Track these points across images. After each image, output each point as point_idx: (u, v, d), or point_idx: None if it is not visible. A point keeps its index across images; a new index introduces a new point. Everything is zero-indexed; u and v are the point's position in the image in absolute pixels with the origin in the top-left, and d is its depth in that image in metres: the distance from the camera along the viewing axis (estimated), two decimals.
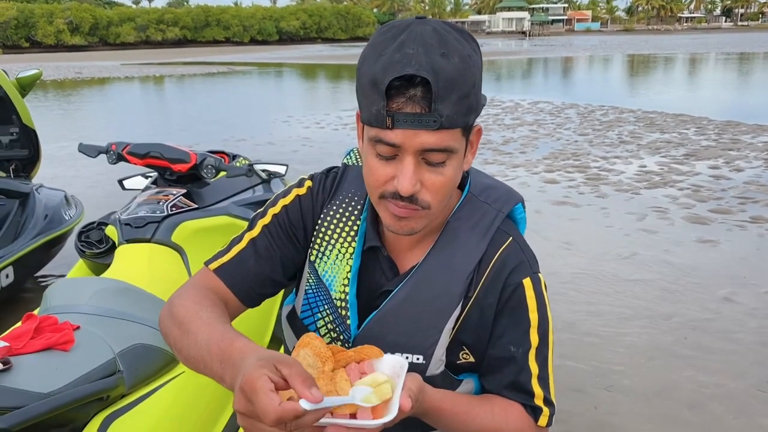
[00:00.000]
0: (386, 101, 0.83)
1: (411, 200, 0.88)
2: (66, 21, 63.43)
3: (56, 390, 1.41)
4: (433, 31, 0.84)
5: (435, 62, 0.81)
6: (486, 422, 0.94)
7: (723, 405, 2.73)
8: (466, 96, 0.84)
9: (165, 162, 2.38)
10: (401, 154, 0.86)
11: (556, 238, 4.92)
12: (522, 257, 1.00)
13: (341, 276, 1.02)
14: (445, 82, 0.81)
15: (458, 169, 0.91)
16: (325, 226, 1.05)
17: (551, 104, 13.23)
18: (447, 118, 0.83)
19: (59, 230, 3.69)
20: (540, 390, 0.98)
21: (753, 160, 7.42)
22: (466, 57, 0.84)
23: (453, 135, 0.86)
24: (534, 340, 0.98)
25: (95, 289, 1.83)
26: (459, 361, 0.99)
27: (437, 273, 0.97)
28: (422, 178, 0.88)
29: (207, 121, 12.33)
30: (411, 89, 0.82)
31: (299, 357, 0.83)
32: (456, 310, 0.97)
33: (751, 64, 25.92)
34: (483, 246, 0.98)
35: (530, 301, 0.98)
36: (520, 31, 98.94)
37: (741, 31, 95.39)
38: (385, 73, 0.82)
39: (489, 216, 1.01)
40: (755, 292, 3.86)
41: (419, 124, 0.83)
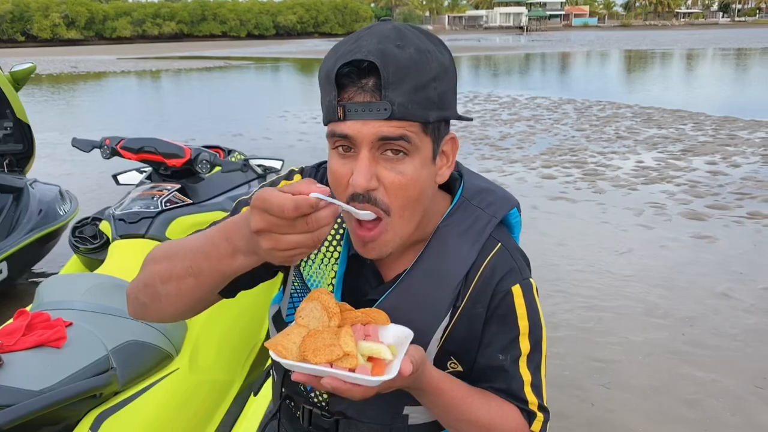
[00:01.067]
0: (337, 91, 0.82)
1: (369, 200, 0.85)
2: (62, 15, 63.13)
3: (48, 387, 1.39)
4: (393, 27, 0.84)
5: (386, 49, 0.79)
6: (481, 414, 0.92)
7: (720, 401, 2.72)
8: (423, 87, 0.81)
9: (159, 157, 2.36)
10: (357, 149, 0.84)
11: (552, 233, 4.90)
12: (512, 264, 0.96)
13: (325, 282, 0.99)
14: (395, 69, 0.79)
15: (423, 173, 0.87)
16: None
17: (548, 99, 13.21)
18: (399, 106, 0.80)
19: (53, 225, 3.67)
20: (534, 397, 0.96)
21: (750, 156, 7.42)
22: (425, 51, 0.82)
23: (409, 126, 0.83)
24: (525, 348, 0.95)
25: (88, 285, 1.82)
26: (447, 370, 0.96)
27: (424, 282, 0.94)
28: (380, 175, 0.84)
29: (203, 115, 12.29)
30: (362, 79, 0.81)
31: (306, 309, 0.83)
32: (444, 320, 0.93)
33: (748, 60, 25.94)
34: (473, 254, 0.95)
35: (519, 309, 0.95)
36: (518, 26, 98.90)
37: (738, 26, 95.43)
38: (336, 63, 0.81)
39: (481, 222, 0.97)
40: (752, 288, 3.86)
41: (369, 113, 0.81)
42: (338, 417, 1.00)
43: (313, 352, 0.78)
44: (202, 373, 1.92)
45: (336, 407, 1.00)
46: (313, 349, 0.78)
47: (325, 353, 0.78)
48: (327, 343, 0.78)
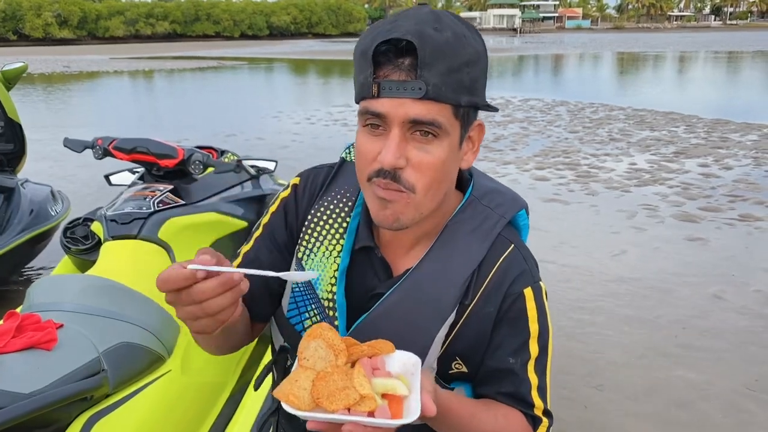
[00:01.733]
0: (373, 68, 0.83)
1: (394, 177, 0.85)
2: (54, 14, 62.79)
3: (38, 390, 1.38)
4: (431, 11, 0.85)
5: (424, 31, 0.81)
6: (489, 427, 0.91)
7: (712, 404, 2.73)
8: (457, 70, 0.83)
9: (152, 157, 2.34)
10: (388, 127, 0.85)
11: (545, 235, 4.91)
12: (524, 266, 0.96)
13: (328, 275, 0.99)
14: (432, 50, 0.80)
15: (450, 156, 0.88)
16: (315, 222, 1.02)
17: (542, 101, 13.25)
18: (433, 87, 0.81)
19: (45, 226, 3.64)
20: (540, 401, 0.96)
21: (742, 158, 7.46)
22: (461, 36, 0.83)
23: (441, 110, 0.84)
24: (534, 351, 0.95)
25: (80, 286, 1.80)
26: (451, 371, 0.96)
27: (433, 277, 0.93)
28: (408, 155, 0.85)
29: (196, 115, 12.24)
30: (399, 58, 0.82)
31: (310, 348, 0.79)
32: (451, 316, 0.93)
33: (740, 63, 26.10)
34: (483, 251, 0.95)
35: (531, 312, 0.95)
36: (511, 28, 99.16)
37: (730, 29, 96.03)
38: (373, 41, 0.82)
39: (491, 221, 0.97)
40: (744, 291, 3.88)
41: (404, 92, 0.82)
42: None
43: (328, 398, 0.74)
44: (195, 375, 1.90)
45: None
46: (327, 394, 0.74)
47: (341, 398, 0.74)
48: (340, 386, 0.75)
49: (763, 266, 4.25)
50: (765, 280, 4.02)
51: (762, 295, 3.80)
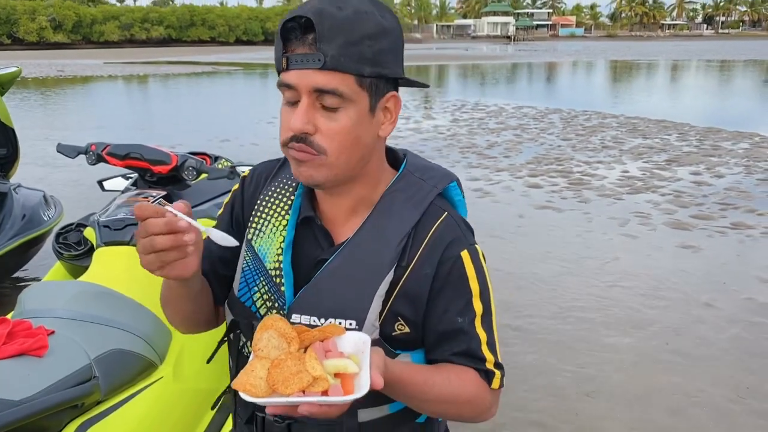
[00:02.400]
0: (283, 44, 0.93)
1: (305, 141, 0.94)
2: (49, 18, 62.65)
3: (29, 397, 1.37)
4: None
5: (324, 9, 0.90)
6: (444, 389, 0.97)
7: (704, 411, 2.74)
8: (355, 43, 0.91)
9: (145, 163, 2.34)
10: (300, 98, 0.93)
11: (538, 242, 4.93)
12: (458, 231, 1.04)
13: (275, 247, 1.06)
14: (329, 24, 0.89)
15: (359, 123, 0.95)
16: (262, 207, 1.10)
17: (535, 109, 13.31)
18: (332, 58, 0.90)
19: (37, 231, 3.63)
20: (490, 355, 1.02)
21: (734, 167, 7.51)
22: (362, 12, 0.92)
23: (343, 79, 0.91)
24: (478, 309, 1.02)
25: (72, 292, 1.79)
26: (395, 333, 1.01)
27: (370, 241, 1.01)
28: (316, 122, 0.94)
29: (190, 121, 12.24)
30: (304, 34, 0.91)
31: (263, 339, 0.83)
32: (388, 275, 0.99)
33: (732, 72, 26.30)
34: (416, 216, 1.02)
35: (470, 272, 1.02)
36: (505, 35, 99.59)
37: (722, 38, 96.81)
38: (283, 20, 0.93)
39: (423, 191, 1.05)
40: (735, 298, 3.90)
41: (307, 63, 0.91)
42: (290, 421, 1.03)
43: (283, 383, 0.79)
44: (186, 382, 1.90)
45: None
46: (282, 380, 0.79)
47: (296, 382, 0.78)
48: (294, 371, 0.79)
49: (755, 274, 4.28)
50: (756, 288, 4.05)
51: (753, 303, 3.83)
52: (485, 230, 5.15)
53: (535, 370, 3.07)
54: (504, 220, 5.49)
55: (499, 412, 2.84)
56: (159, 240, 0.85)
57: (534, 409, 2.75)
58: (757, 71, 26.40)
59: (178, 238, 0.86)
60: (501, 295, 3.97)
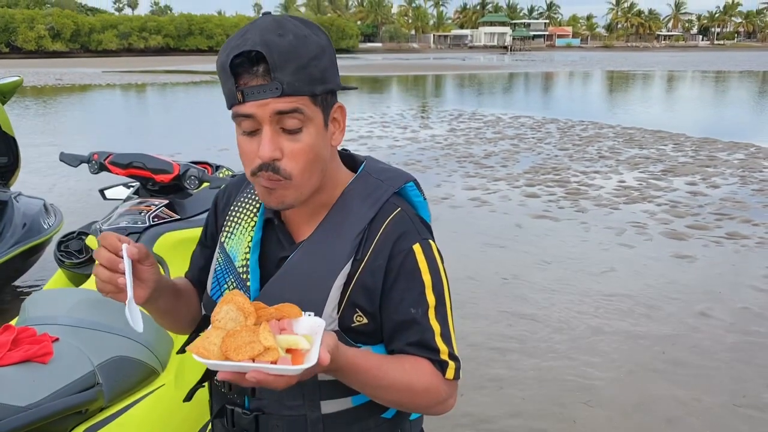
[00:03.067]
0: (234, 79, 0.96)
1: (274, 169, 0.98)
2: (47, 27, 62.78)
3: (34, 403, 1.39)
4: (273, 20, 0.97)
5: (269, 39, 0.93)
6: (398, 377, 1.00)
7: (700, 419, 2.76)
8: (305, 67, 0.95)
9: (147, 172, 2.36)
10: (260, 127, 0.97)
11: (535, 251, 4.95)
12: (410, 225, 1.08)
13: (243, 247, 1.12)
14: (279, 54, 0.93)
15: (318, 139, 1.00)
16: (235, 212, 1.17)
17: (532, 119, 13.38)
18: (288, 85, 0.94)
19: (38, 239, 3.64)
20: (444, 346, 1.05)
21: (729, 177, 7.56)
22: (302, 36, 0.96)
23: (300, 102, 0.96)
24: (431, 300, 1.05)
25: (75, 300, 1.81)
26: (353, 324, 1.05)
27: (327, 237, 1.07)
28: (282, 146, 0.98)
29: (188, 130, 12.27)
30: (253, 66, 0.94)
31: (221, 312, 0.88)
32: (344, 268, 1.04)
33: (727, 83, 26.47)
34: (371, 213, 1.07)
35: (422, 265, 1.05)
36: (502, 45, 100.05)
37: (717, 49, 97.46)
38: (228, 56, 0.95)
39: (380, 190, 1.10)
40: (731, 308, 3.93)
41: (264, 94, 0.95)
42: (257, 413, 1.07)
43: (235, 350, 0.83)
44: (187, 390, 1.91)
45: (255, 404, 1.08)
46: (235, 347, 0.83)
47: (247, 350, 0.82)
48: (247, 340, 0.84)
49: (750, 283, 4.31)
50: (751, 298, 4.08)
51: (749, 313, 3.85)
52: (483, 239, 5.18)
53: (533, 378, 3.09)
54: (501, 229, 5.52)
55: (497, 418, 2.85)
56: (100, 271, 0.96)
57: (531, 417, 2.77)
58: (752, 82, 26.58)
59: (113, 277, 0.95)
60: (498, 303, 3.99)
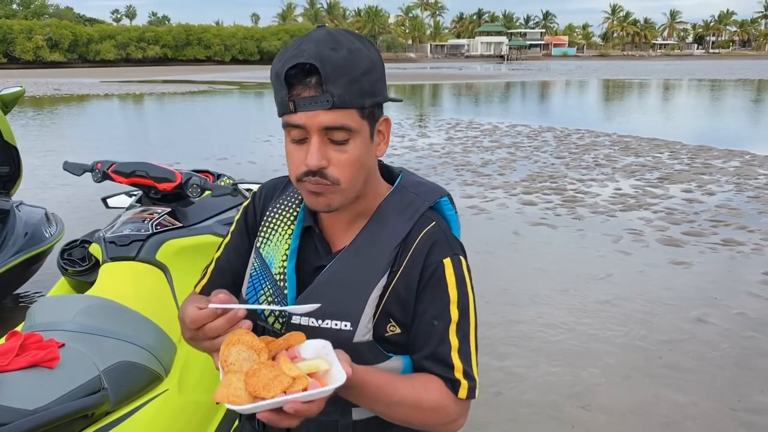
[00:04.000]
0: (288, 89, 0.99)
1: (321, 175, 1.01)
2: (45, 37, 62.94)
3: (41, 407, 1.41)
4: (327, 33, 1.00)
5: (323, 53, 0.97)
6: (406, 394, 1.01)
7: (697, 423, 2.79)
8: (356, 80, 0.98)
9: (150, 181, 2.40)
10: (309, 136, 1.01)
11: (532, 258, 4.99)
12: (443, 239, 1.10)
13: (280, 254, 1.14)
14: (332, 68, 0.96)
15: (364, 150, 1.04)
16: (271, 218, 1.19)
17: (528, 127, 13.44)
18: (339, 98, 0.97)
19: (39, 248, 3.67)
20: (460, 363, 1.05)
21: (724, 184, 7.62)
22: (355, 50, 0.99)
23: (349, 115, 0.99)
24: (454, 315, 1.06)
25: (80, 306, 1.84)
26: (387, 333, 1.07)
27: (365, 248, 1.09)
28: (329, 156, 1.01)
29: (187, 139, 12.31)
30: (306, 78, 0.98)
31: (233, 354, 0.88)
32: (381, 280, 1.06)
33: (722, 91, 26.62)
34: (408, 226, 1.09)
35: (449, 279, 1.07)
36: (499, 55, 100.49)
37: (712, 58, 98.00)
38: (283, 66, 0.98)
39: (416, 204, 1.12)
40: (727, 313, 3.96)
41: (315, 105, 0.97)
42: None
43: (264, 388, 0.84)
44: (191, 394, 1.94)
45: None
46: (263, 385, 0.84)
47: (276, 385, 0.84)
48: (271, 376, 0.85)
49: (746, 289, 4.35)
50: (747, 304, 4.11)
51: (744, 318, 3.89)
52: (480, 246, 5.21)
53: (530, 383, 3.12)
54: (499, 236, 5.55)
55: (495, 424, 2.87)
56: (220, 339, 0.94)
57: (529, 422, 2.79)
58: (747, 90, 26.74)
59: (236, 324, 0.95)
60: (496, 310, 4.02)
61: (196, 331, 0.96)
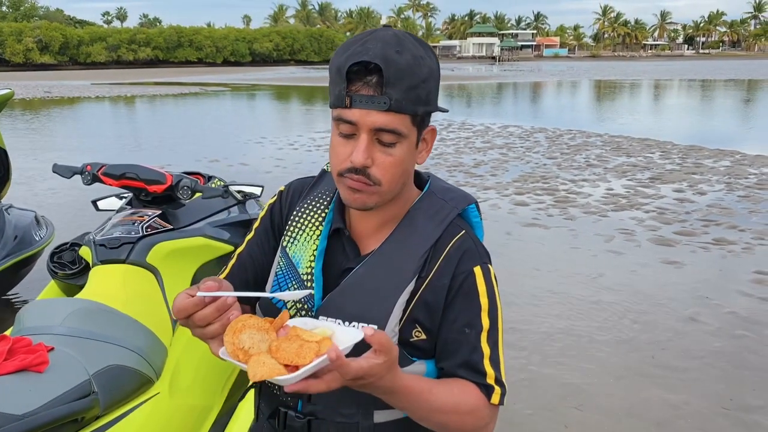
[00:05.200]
0: (346, 84, 0.99)
1: (364, 174, 1.02)
2: (35, 39, 62.60)
3: (30, 412, 1.40)
4: (394, 35, 1.01)
5: (388, 55, 0.96)
6: (446, 399, 1.02)
7: (689, 423, 2.80)
8: (415, 87, 0.99)
9: (141, 183, 2.38)
10: (358, 133, 1.01)
11: (525, 259, 5.00)
12: (474, 248, 1.11)
13: (308, 254, 1.14)
14: (395, 71, 0.96)
15: (408, 155, 1.05)
16: (298, 218, 1.19)
17: (521, 128, 13.48)
18: (396, 101, 0.97)
19: (29, 251, 3.64)
20: (492, 370, 1.06)
21: (715, 184, 7.66)
22: (419, 57, 1.00)
23: (402, 120, 1.00)
24: (485, 323, 1.07)
25: (70, 310, 1.82)
26: (412, 339, 1.07)
27: (394, 253, 1.09)
28: (374, 156, 1.01)
29: (178, 141, 12.26)
30: (368, 76, 0.97)
31: (244, 340, 0.88)
32: (409, 285, 1.06)
33: (713, 91, 26.79)
34: (438, 232, 1.10)
35: (480, 287, 1.08)
36: (490, 56, 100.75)
37: (703, 58, 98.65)
38: (347, 61, 0.98)
39: (445, 210, 1.13)
40: (718, 312, 3.98)
41: (372, 105, 0.98)
42: (310, 418, 1.10)
43: (297, 356, 0.85)
44: (182, 398, 1.93)
45: (308, 408, 1.10)
46: (294, 354, 0.85)
47: (306, 351, 0.85)
48: (296, 346, 0.86)
49: (737, 288, 4.37)
50: (738, 303, 4.13)
51: (735, 317, 3.91)
52: None
53: (523, 384, 3.12)
54: (491, 237, 5.52)
55: None
56: (213, 327, 0.92)
57: (523, 422, 2.79)
58: (738, 90, 26.91)
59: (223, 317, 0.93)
60: None
61: (186, 320, 0.94)
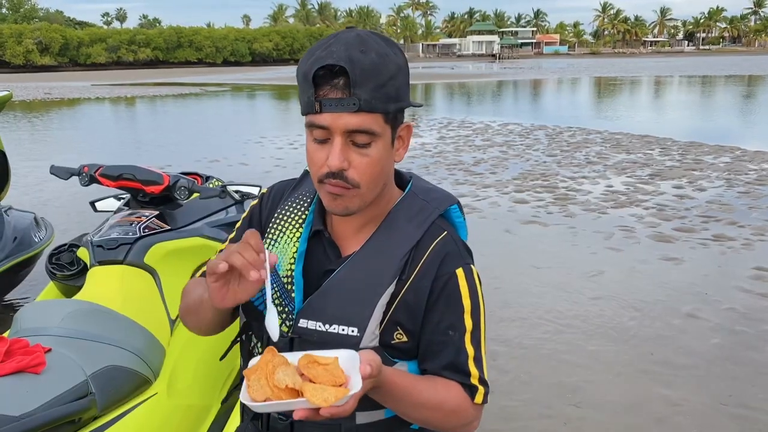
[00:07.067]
0: (314, 89, 0.99)
1: (341, 177, 1.01)
2: (35, 41, 62.62)
3: (28, 413, 1.40)
4: (356, 35, 1.00)
5: (353, 55, 0.96)
6: (430, 396, 1.03)
7: (688, 419, 2.80)
8: (383, 85, 0.98)
9: (138, 184, 2.38)
10: (331, 137, 1.00)
11: (525, 256, 5.00)
12: (455, 249, 1.11)
13: (288, 256, 1.14)
14: (361, 71, 0.96)
15: (385, 154, 1.04)
16: (279, 220, 1.19)
17: (520, 126, 13.47)
18: (365, 101, 0.97)
19: (29, 253, 3.64)
20: (476, 370, 1.08)
21: (715, 180, 7.65)
22: (383, 55, 0.99)
23: (374, 119, 0.99)
24: (468, 324, 1.09)
25: (67, 311, 1.83)
26: (393, 341, 1.08)
27: (375, 254, 1.09)
28: (350, 158, 1.01)
29: (179, 142, 12.27)
30: (334, 79, 0.97)
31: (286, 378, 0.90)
32: (390, 287, 1.07)
33: (713, 87, 26.75)
34: (419, 234, 1.10)
35: (463, 289, 1.09)
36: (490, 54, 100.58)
37: (703, 54, 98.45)
38: (312, 66, 0.98)
39: (426, 211, 1.12)
40: (717, 309, 3.98)
41: (341, 107, 0.97)
42: (293, 419, 1.09)
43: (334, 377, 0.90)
44: (180, 398, 1.93)
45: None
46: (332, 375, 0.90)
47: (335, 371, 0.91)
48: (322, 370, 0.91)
49: (736, 285, 4.37)
50: (737, 299, 4.13)
51: (735, 313, 3.91)
52: (472, 245, 5.17)
53: (522, 380, 3.12)
54: (491, 235, 5.56)
55: (487, 422, 2.88)
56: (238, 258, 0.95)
57: (521, 419, 2.80)
58: (738, 86, 26.88)
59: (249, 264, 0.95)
60: (488, 308, 4.01)
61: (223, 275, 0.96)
